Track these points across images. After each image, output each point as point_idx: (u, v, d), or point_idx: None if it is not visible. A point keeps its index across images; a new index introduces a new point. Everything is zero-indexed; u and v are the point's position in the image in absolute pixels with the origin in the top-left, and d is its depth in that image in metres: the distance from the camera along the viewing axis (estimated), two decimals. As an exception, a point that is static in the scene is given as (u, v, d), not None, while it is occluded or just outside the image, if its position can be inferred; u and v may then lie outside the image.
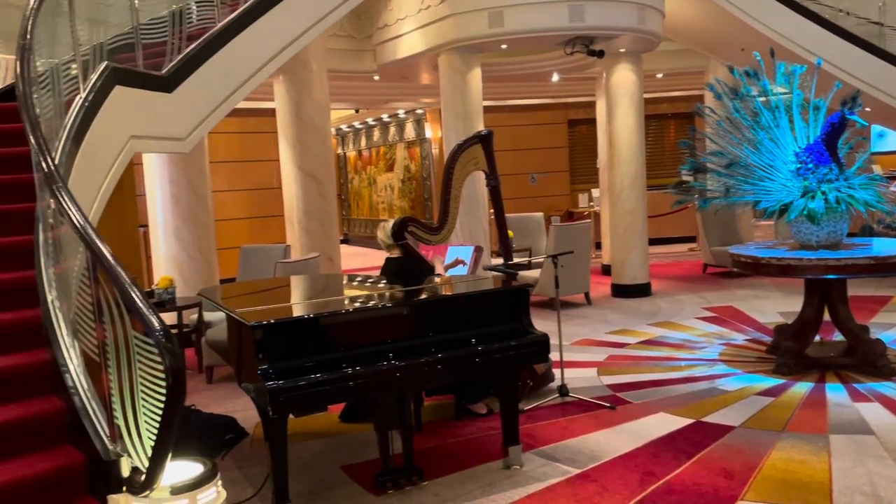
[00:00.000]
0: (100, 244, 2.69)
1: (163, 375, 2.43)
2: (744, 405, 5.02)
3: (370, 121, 17.63)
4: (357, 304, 4.15)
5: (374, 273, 5.08)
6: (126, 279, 2.56)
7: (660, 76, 12.00)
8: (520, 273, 6.71)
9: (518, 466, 4.16)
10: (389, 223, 4.50)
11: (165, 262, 7.56)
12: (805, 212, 5.58)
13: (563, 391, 5.25)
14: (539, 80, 11.78)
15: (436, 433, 4.78)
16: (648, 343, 6.94)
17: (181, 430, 2.47)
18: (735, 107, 6.08)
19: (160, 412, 2.44)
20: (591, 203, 13.78)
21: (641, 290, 9.35)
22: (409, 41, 8.78)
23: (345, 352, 3.62)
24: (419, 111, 15.51)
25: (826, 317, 5.95)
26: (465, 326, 3.96)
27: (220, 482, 2.64)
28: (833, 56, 8.34)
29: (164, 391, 2.42)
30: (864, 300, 7.89)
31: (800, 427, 4.56)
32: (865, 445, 4.22)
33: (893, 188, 6.04)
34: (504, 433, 4.22)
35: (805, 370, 5.67)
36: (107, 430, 2.75)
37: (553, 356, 4.72)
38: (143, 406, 2.53)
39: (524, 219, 10.46)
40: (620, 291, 9.42)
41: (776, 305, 8.20)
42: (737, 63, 6.42)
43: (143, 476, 2.51)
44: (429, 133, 15.39)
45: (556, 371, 5.45)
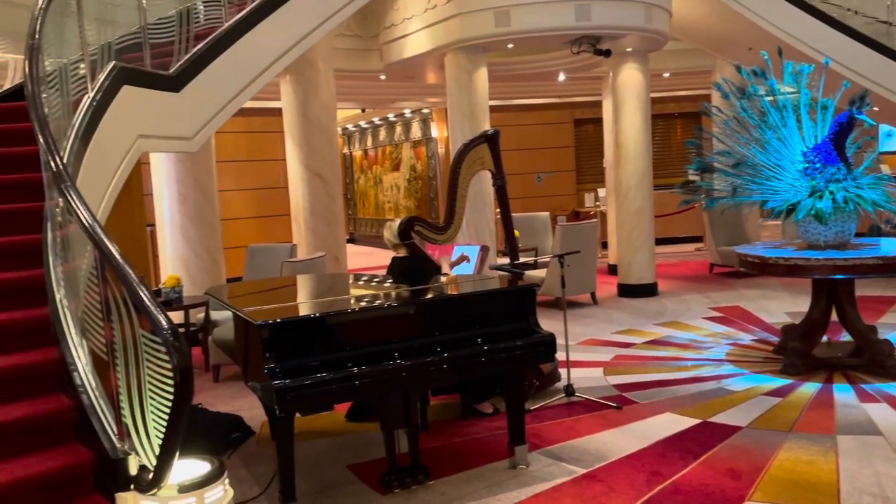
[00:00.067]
0: (108, 243, 2.70)
1: (170, 374, 2.43)
2: (751, 405, 5.00)
3: (376, 120, 17.65)
4: (363, 304, 4.16)
5: (381, 272, 5.09)
6: (134, 278, 2.57)
7: (666, 75, 11.97)
8: (526, 272, 6.72)
9: (524, 466, 4.16)
10: (396, 223, 4.50)
11: (172, 261, 7.59)
12: (813, 212, 5.56)
13: (570, 391, 5.25)
14: (545, 80, 11.77)
15: (442, 432, 4.78)
16: (655, 343, 6.92)
17: (188, 429, 2.48)
18: (742, 106, 6.06)
19: (168, 411, 2.45)
20: (598, 203, 13.76)
21: (648, 290, 9.33)
22: (416, 41, 8.79)
23: (351, 351, 3.63)
24: (425, 111, 15.51)
25: (834, 317, 5.93)
26: (472, 326, 3.96)
27: (227, 481, 2.65)
28: (841, 55, 8.30)
29: (172, 390, 2.43)
30: (872, 300, 7.86)
31: (807, 428, 4.55)
32: (873, 446, 4.21)
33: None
34: (510, 433, 4.22)
35: (812, 370, 5.65)
36: (115, 429, 2.76)
37: (559, 356, 4.72)
38: (151, 404, 2.54)
39: (530, 218, 10.45)
40: (627, 291, 9.40)
41: (783, 305, 8.17)
42: (744, 62, 6.40)
43: (151, 474, 2.52)
44: (435, 132, 15.40)
45: (563, 371, 5.45)
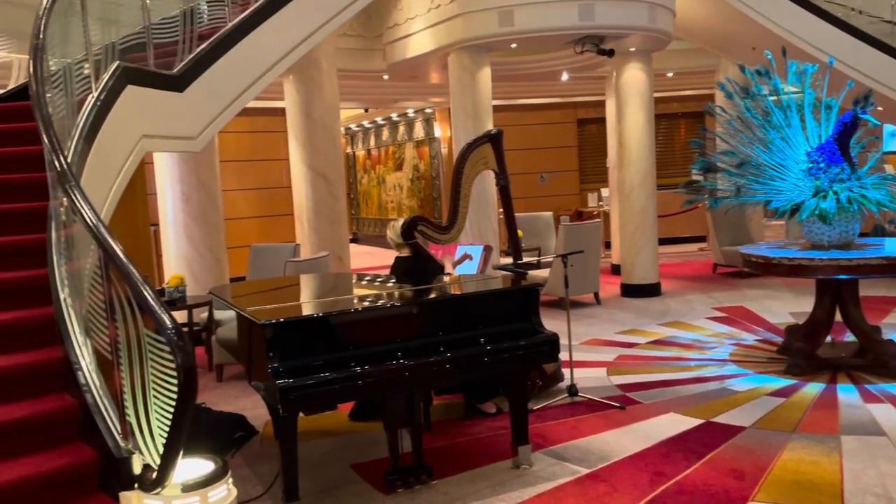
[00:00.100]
0: (112, 243, 2.70)
1: (174, 373, 2.44)
2: (754, 406, 5.00)
3: (379, 120, 17.65)
4: (366, 304, 4.16)
5: (384, 272, 5.09)
6: (138, 277, 2.58)
7: (670, 75, 11.96)
8: (529, 272, 6.72)
9: (527, 466, 4.16)
10: (399, 222, 4.51)
11: (176, 261, 7.60)
12: (817, 211, 5.55)
13: (573, 391, 5.24)
14: (549, 80, 11.76)
15: (445, 432, 4.78)
16: (658, 343, 6.91)
17: (191, 428, 2.49)
18: (746, 106, 6.05)
19: (171, 410, 2.45)
20: (601, 202, 13.75)
21: (651, 290, 9.32)
22: (419, 40, 8.79)
23: (354, 351, 3.63)
24: (428, 110, 15.51)
25: (837, 317, 5.92)
26: (475, 326, 3.96)
27: (231, 480, 2.65)
28: (845, 55, 8.29)
29: (176, 389, 2.44)
30: (876, 300, 7.84)
31: (811, 428, 4.54)
32: (877, 447, 4.20)
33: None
34: (513, 432, 4.21)
35: (816, 371, 5.64)
36: (119, 428, 2.77)
37: (562, 356, 4.72)
38: (155, 404, 2.55)
39: (533, 218, 10.45)
40: (630, 291, 9.39)
41: (787, 306, 8.16)
42: (748, 62, 6.39)
43: (155, 473, 2.53)
44: (438, 132, 15.39)
45: (566, 371, 5.44)
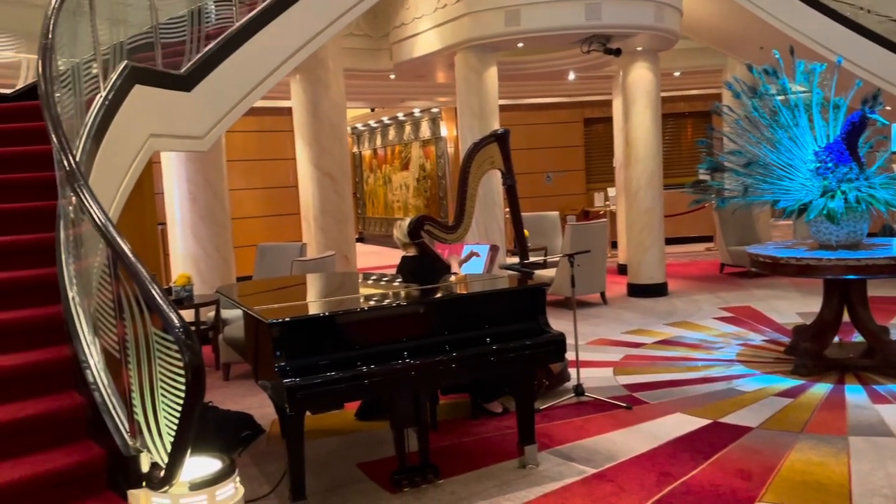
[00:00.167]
0: (120, 241, 2.71)
1: (182, 372, 2.45)
2: (762, 406, 4.98)
3: (386, 119, 17.66)
4: (373, 303, 4.16)
5: (390, 271, 5.10)
6: (146, 276, 2.58)
7: (677, 74, 11.93)
8: (535, 272, 6.71)
9: (534, 465, 4.16)
10: (406, 222, 4.51)
11: (183, 260, 7.62)
12: (825, 211, 5.53)
13: (579, 391, 5.24)
14: (555, 79, 11.74)
15: (451, 431, 4.78)
16: (665, 343, 6.90)
17: (199, 427, 2.49)
18: (754, 105, 6.04)
19: (179, 408, 2.46)
20: (607, 202, 13.73)
21: (658, 290, 9.30)
22: (426, 40, 8.79)
23: (361, 350, 3.64)
24: (435, 110, 15.51)
25: (845, 318, 5.90)
26: (481, 325, 3.96)
27: (238, 478, 2.66)
28: (853, 54, 8.25)
29: (184, 388, 2.44)
30: (885, 301, 7.80)
31: (819, 429, 4.53)
32: (885, 447, 4.18)
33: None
34: (520, 432, 4.22)
35: (824, 371, 5.62)
36: (127, 426, 2.78)
37: (569, 355, 4.72)
38: (163, 402, 2.56)
39: (540, 218, 10.44)
40: (636, 291, 9.38)
41: (794, 306, 8.13)
42: (755, 61, 6.37)
43: (163, 472, 2.54)
44: (444, 132, 15.40)
45: (572, 370, 5.44)
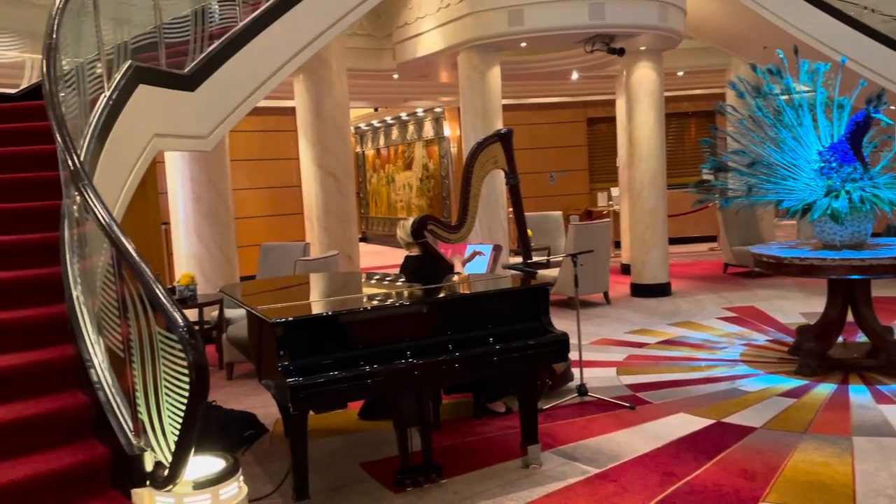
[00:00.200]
0: (125, 241, 2.72)
1: (186, 371, 2.45)
2: (765, 406, 4.97)
3: (389, 119, 17.66)
4: (376, 302, 4.16)
5: (393, 271, 5.10)
6: (151, 275, 2.59)
7: (681, 74, 11.91)
8: (539, 272, 6.70)
9: (537, 465, 4.16)
10: (409, 221, 4.51)
11: (186, 260, 7.64)
12: (829, 211, 5.52)
13: (582, 391, 5.23)
14: (558, 79, 11.74)
15: (454, 431, 4.78)
16: (668, 343, 6.89)
17: (202, 426, 2.50)
18: (758, 105, 6.02)
19: (183, 408, 2.47)
20: (611, 202, 13.70)
21: (661, 290, 9.29)
22: (429, 39, 8.79)
23: (364, 349, 3.64)
24: (438, 109, 15.51)
25: (849, 318, 5.88)
26: (484, 325, 3.96)
27: (242, 478, 2.66)
28: (858, 54, 8.23)
29: (188, 387, 2.45)
30: (889, 301, 7.77)
31: (822, 429, 4.52)
32: (889, 448, 4.17)
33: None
34: (523, 432, 4.21)
35: (828, 371, 5.61)
36: (131, 425, 2.79)
37: (572, 355, 4.71)
38: (167, 401, 2.56)
39: (543, 217, 10.43)
40: (640, 291, 9.37)
41: (798, 306, 8.11)
42: (759, 61, 6.36)
43: (167, 471, 2.54)
44: (447, 131, 15.39)
45: (575, 370, 5.43)
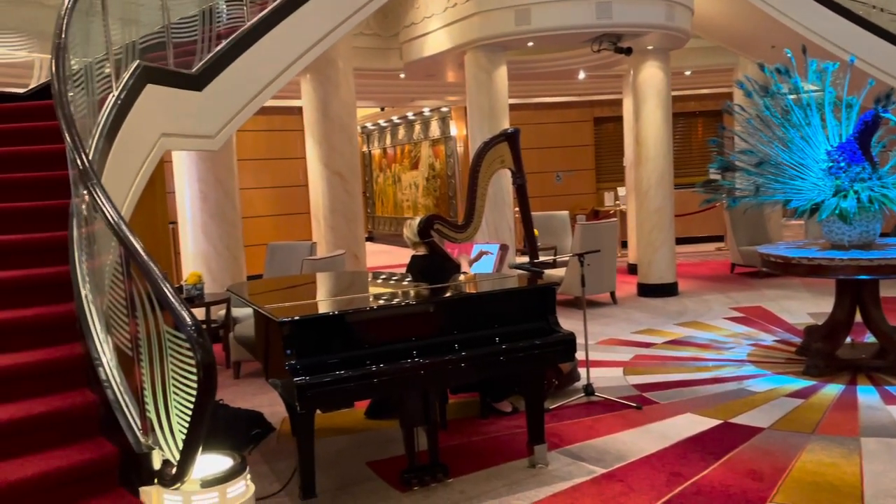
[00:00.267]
0: (133, 240, 2.73)
1: (194, 370, 2.46)
2: (773, 406, 4.96)
3: (395, 119, 17.68)
4: (383, 302, 4.17)
5: (400, 270, 5.10)
6: (159, 274, 2.60)
7: (688, 73, 11.88)
8: (545, 272, 6.70)
9: (543, 465, 4.16)
10: (416, 221, 4.52)
11: (194, 259, 7.66)
12: (837, 211, 5.50)
13: (589, 390, 5.23)
14: (565, 78, 11.72)
15: (461, 431, 4.79)
16: (675, 343, 6.88)
17: (210, 425, 2.51)
18: (765, 104, 6.00)
19: (191, 406, 2.47)
20: (618, 201, 13.69)
21: (668, 290, 9.27)
22: (436, 39, 8.79)
23: (370, 349, 3.64)
24: (444, 109, 15.51)
25: (857, 318, 5.86)
26: (491, 325, 3.96)
27: (249, 476, 2.67)
28: (866, 53, 8.19)
29: (195, 385, 2.46)
30: (897, 301, 7.75)
31: (830, 429, 4.50)
32: (898, 449, 4.16)
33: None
34: (529, 432, 4.21)
35: (836, 372, 5.59)
36: (139, 424, 2.80)
37: (579, 355, 4.71)
38: (175, 400, 2.57)
39: (549, 217, 10.42)
40: (647, 291, 9.35)
41: (805, 306, 8.08)
42: (767, 61, 6.33)
43: (175, 469, 2.55)
44: (454, 131, 15.39)
45: (582, 370, 5.43)
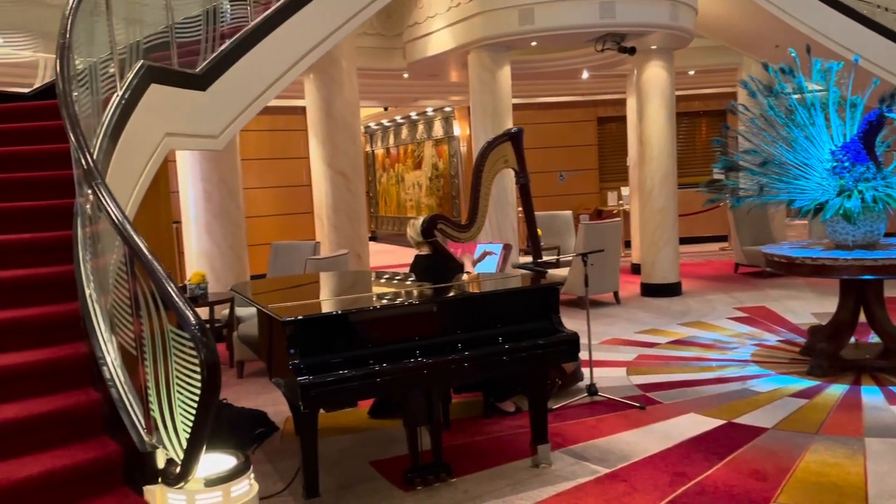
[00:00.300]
0: (137, 239, 2.73)
1: (198, 369, 2.47)
2: (776, 407, 4.95)
3: (399, 118, 17.69)
4: (386, 301, 4.17)
5: (403, 270, 5.10)
6: (163, 274, 2.60)
7: (692, 73, 11.87)
8: (549, 271, 6.70)
9: (547, 465, 4.16)
10: (419, 220, 4.52)
11: (197, 258, 7.68)
12: (841, 211, 5.49)
13: (592, 390, 5.22)
14: (569, 78, 11.72)
15: (464, 430, 4.79)
16: (678, 343, 6.87)
17: (214, 424, 2.51)
18: (769, 104, 5.99)
19: (195, 405, 2.48)
20: (621, 201, 13.66)
21: (671, 290, 9.26)
22: (439, 39, 8.79)
23: (374, 348, 3.65)
24: (448, 109, 15.51)
25: (862, 318, 5.85)
26: (494, 324, 3.96)
27: (253, 475, 2.67)
28: (871, 52, 8.18)
29: (199, 384, 2.46)
30: (901, 302, 7.73)
31: (834, 430, 4.49)
32: (902, 449, 4.15)
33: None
34: (533, 431, 4.21)
35: (840, 372, 5.58)
36: (143, 423, 2.80)
37: (582, 355, 4.71)
38: (179, 399, 2.58)
39: (553, 217, 10.41)
40: (650, 291, 9.34)
41: (809, 306, 8.07)
42: (771, 60, 6.32)
43: (178, 468, 2.55)
44: (457, 131, 15.39)
45: (585, 370, 5.42)
